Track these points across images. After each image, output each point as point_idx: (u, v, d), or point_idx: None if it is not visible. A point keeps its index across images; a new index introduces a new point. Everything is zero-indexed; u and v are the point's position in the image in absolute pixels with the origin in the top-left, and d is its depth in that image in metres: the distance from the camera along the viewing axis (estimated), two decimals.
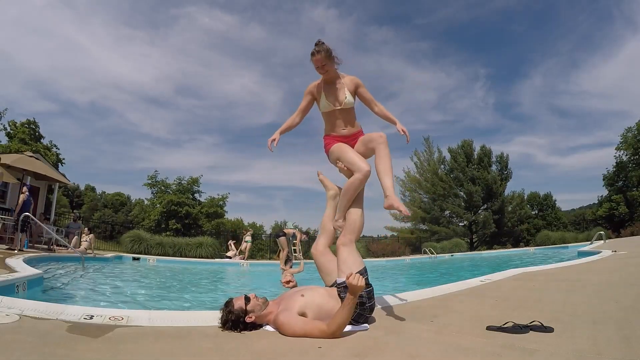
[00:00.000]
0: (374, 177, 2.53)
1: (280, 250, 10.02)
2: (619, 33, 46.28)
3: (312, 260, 2.67)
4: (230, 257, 13.40)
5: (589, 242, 12.09)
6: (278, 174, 65.82)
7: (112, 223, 29.74)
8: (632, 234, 17.84)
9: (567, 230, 26.87)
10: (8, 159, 10.45)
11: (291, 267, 8.42)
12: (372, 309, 2.26)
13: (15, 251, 7.48)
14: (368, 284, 2.25)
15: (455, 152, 26.08)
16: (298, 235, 10.68)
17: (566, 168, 61.88)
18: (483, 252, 19.34)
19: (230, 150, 66.88)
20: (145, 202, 23.16)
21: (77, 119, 62.09)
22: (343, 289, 2.20)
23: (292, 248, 10.62)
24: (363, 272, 2.25)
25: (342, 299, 2.18)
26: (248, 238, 14.67)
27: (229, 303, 2.11)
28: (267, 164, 64.07)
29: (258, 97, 62.95)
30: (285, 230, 10.28)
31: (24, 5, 45.21)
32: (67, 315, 2.18)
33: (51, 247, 10.08)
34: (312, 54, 2.57)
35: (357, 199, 2.61)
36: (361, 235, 2.76)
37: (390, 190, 2.39)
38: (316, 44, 2.58)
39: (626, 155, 25.17)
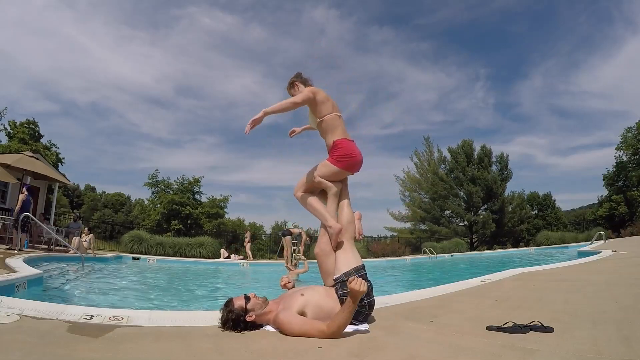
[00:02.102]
0: (371, 178, 2.56)
1: (284, 250, 10.06)
2: (618, 33, 46.23)
3: (316, 260, 2.68)
4: (229, 257, 13.42)
5: (589, 242, 12.09)
6: (278, 174, 65.75)
7: (112, 223, 29.75)
8: (632, 234, 17.83)
9: (567, 230, 26.91)
10: (8, 159, 10.46)
11: (296, 266, 8.45)
12: (371, 305, 2.24)
13: (15, 251, 7.48)
14: (366, 280, 2.24)
15: (456, 152, 26.08)
16: (303, 236, 10.69)
17: (566, 168, 61.88)
18: (483, 252, 19.34)
19: (231, 151, 66.89)
20: (146, 202, 23.15)
21: (78, 119, 62.09)
22: (339, 285, 2.21)
23: (297, 248, 10.62)
24: (360, 269, 2.27)
25: (338, 296, 2.18)
26: (247, 238, 14.73)
27: (229, 303, 2.10)
28: (267, 164, 64.13)
29: (259, 97, 62.83)
30: (291, 230, 10.30)
31: (25, 6, 45.19)
32: (67, 315, 2.18)
33: (51, 247, 10.08)
34: None
35: (343, 197, 2.68)
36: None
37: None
38: None
39: (626, 155, 25.17)
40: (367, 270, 2.35)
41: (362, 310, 2.17)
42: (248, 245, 14.82)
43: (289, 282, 2.56)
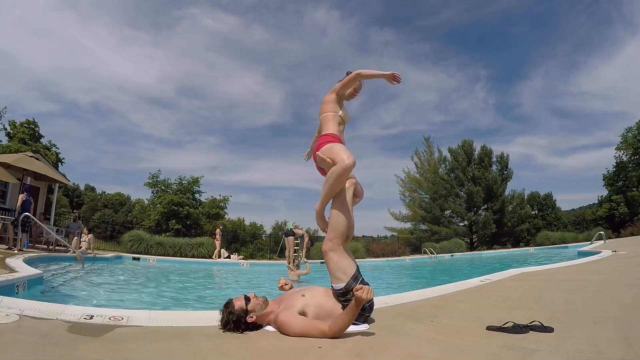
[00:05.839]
0: (371, 178, 2.49)
1: (286, 250, 10.07)
2: (618, 34, 46.32)
3: (317, 261, 2.69)
4: (229, 257, 13.41)
5: (589, 242, 12.10)
6: (279, 174, 65.77)
7: (112, 223, 29.73)
8: (632, 234, 17.84)
9: (567, 230, 26.89)
10: (8, 158, 10.46)
11: (297, 267, 8.45)
12: (371, 307, 2.25)
13: (15, 251, 7.48)
14: (364, 283, 2.19)
15: (456, 152, 26.09)
16: (306, 238, 10.69)
17: (566, 168, 61.90)
18: (483, 252, 19.35)
19: (231, 151, 66.75)
20: (145, 202, 23.15)
21: (79, 119, 62.18)
22: (341, 294, 2.17)
23: (299, 248, 10.64)
24: (357, 276, 2.17)
25: (340, 302, 2.16)
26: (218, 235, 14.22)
27: (229, 304, 2.09)
28: (268, 164, 64.14)
29: (260, 98, 62.79)
30: (295, 230, 10.31)
31: (27, 6, 45.20)
32: (67, 315, 2.18)
33: (51, 247, 10.07)
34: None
35: (338, 198, 2.39)
36: (361, 235, 2.74)
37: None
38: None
39: (626, 155, 25.18)
40: (368, 271, 2.34)
41: (364, 313, 2.18)
42: (217, 243, 13.84)
43: (286, 284, 2.56)
